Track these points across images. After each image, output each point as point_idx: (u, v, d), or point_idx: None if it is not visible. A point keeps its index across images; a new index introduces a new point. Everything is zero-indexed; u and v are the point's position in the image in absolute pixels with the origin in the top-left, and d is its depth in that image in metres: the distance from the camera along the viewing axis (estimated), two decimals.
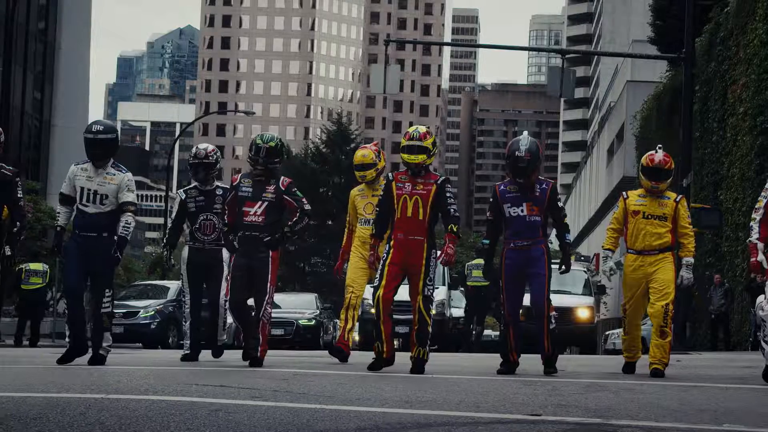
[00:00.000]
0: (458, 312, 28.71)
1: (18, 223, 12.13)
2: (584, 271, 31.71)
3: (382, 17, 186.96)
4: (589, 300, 30.25)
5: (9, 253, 11.91)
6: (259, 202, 11.78)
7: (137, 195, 11.90)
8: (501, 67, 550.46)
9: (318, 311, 34.22)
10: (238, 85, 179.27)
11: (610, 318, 57.49)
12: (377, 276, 11.20)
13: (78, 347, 11.67)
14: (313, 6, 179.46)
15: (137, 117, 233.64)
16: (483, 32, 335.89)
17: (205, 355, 13.78)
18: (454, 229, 11.15)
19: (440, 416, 6.48)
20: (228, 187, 13.04)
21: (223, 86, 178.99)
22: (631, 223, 11.92)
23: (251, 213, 11.77)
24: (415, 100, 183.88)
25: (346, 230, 13.66)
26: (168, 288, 33.58)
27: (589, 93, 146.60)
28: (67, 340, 11.83)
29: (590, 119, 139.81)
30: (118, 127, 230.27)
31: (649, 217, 11.87)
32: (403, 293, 12.55)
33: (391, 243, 11.20)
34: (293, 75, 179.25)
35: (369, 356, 13.38)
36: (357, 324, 15.16)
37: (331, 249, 66.47)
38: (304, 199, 12.06)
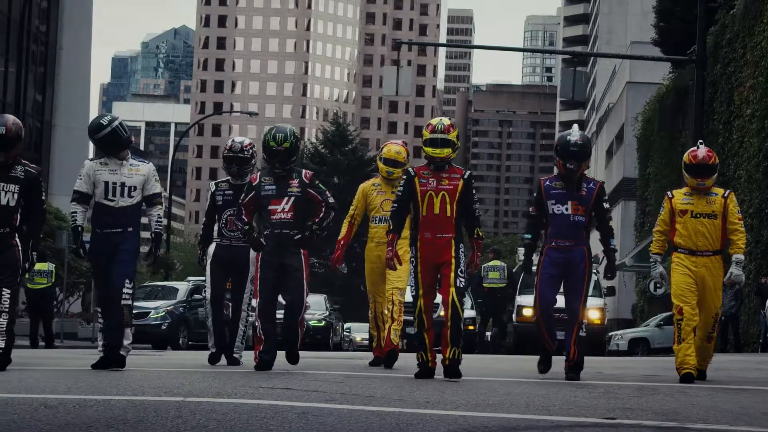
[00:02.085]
0: (469, 313, 28.81)
1: (41, 227, 11.34)
2: (594, 273, 31.79)
3: (377, 18, 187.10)
4: (599, 302, 30.35)
5: (36, 260, 11.12)
6: (286, 198, 11.25)
7: None
8: (495, 68, 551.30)
9: (327, 312, 34.34)
10: (233, 85, 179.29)
11: (610, 319, 57.65)
12: (411, 284, 10.63)
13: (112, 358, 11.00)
14: (309, 6, 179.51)
15: (132, 117, 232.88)
16: (477, 33, 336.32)
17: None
18: (480, 234, 10.76)
19: (521, 420, 6.59)
20: None
21: (219, 86, 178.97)
22: (679, 223, 11.45)
23: (279, 210, 11.23)
24: (410, 100, 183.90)
25: (346, 222, 13.01)
26: (177, 289, 33.71)
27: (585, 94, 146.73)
28: (100, 349, 11.22)
29: (587, 120, 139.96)
30: None
31: (698, 215, 11.41)
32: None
33: (418, 245, 10.54)
34: (289, 75, 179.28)
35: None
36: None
37: (329, 249, 66.60)
38: (327, 192, 11.60)
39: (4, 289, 10.63)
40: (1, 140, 10.60)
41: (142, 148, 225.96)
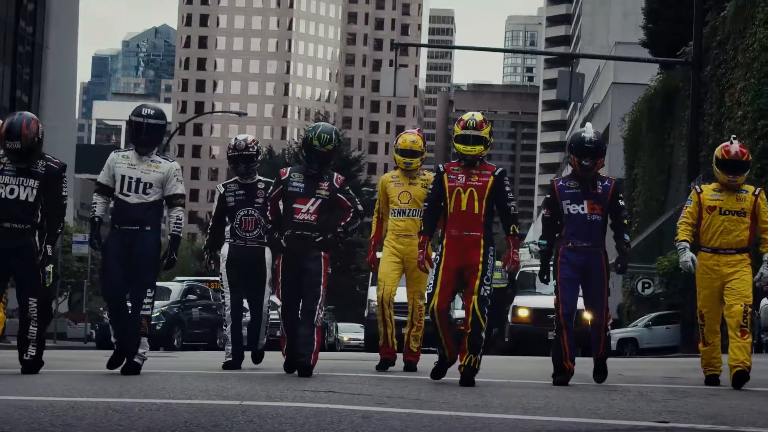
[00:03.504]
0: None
1: (59, 222, 10.99)
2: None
3: (359, 17, 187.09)
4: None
5: (50, 253, 10.78)
6: (313, 199, 10.80)
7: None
8: (476, 68, 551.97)
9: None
10: (215, 84, 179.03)
11: None
12: (430, 282, 10.19)
13: (125, 352, 10.72)
14: (291, 6, 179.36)
15: (112, 116, 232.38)
16: (458, 33, 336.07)
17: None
18: (516, 231, 10.32)
19: (580, 423, 6.70)
20: (269, 180, 12.27)
21: (200, 86, 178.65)
22: (706, 220, 11.17)
23: (303, 210, 10.78)
24: (392, 100, 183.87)
25: (374, 218, 12.68)
26: (170, 290, 33.73)
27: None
28: (113, 340, 10.88)
29: (569, 120, 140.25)
30: (93, 126, 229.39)
31: (727, 212, 11.10)
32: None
33: (444, 242, 10.21)
34: (270, 75, 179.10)
35: (374, 357, 13.20)
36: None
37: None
38: (357, 199, 11.18)
39: (30, 298, 10.55)
40: (18, 153, 10.46)
41: (122, 146, 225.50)
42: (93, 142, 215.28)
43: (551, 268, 11.02)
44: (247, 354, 12.79)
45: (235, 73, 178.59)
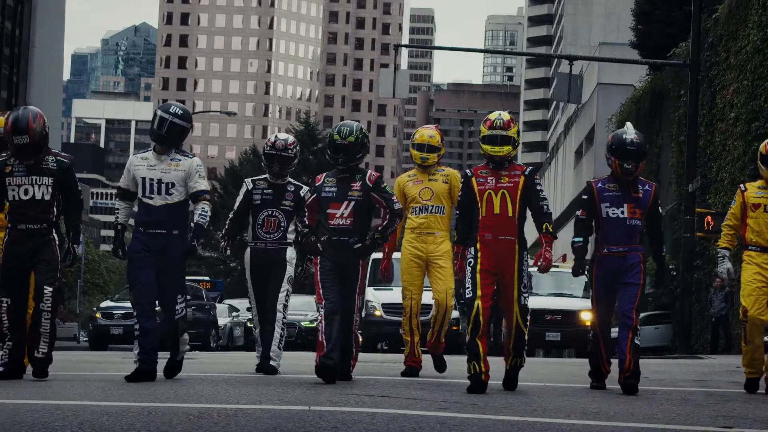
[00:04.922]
0: (456, 313, 28.91)
1: (80, 217, 10.83)
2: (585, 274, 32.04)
3: (340, 16, 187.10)
4: (590, 303, 30.62)
5: (80, 252, 11.05)
6: (345, 203, 10.65)
7: (92, 193, 10.47)
8: (456, 67, 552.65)
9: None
10: (195, 83, 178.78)
11: None
12: (468, 286, 9.80)
13: (149, 370, 10.37)
14: (272, 5, 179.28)
15: (92, 114, 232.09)
16: (438, 32, 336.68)
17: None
18: (550, 229, 10.01)
19: (649, 429, 6.80)
20: (299, 183, 12.27)
21: (181, 84, 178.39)
22: (752, 218, 10.91)
23: (337, 215, 10.64)
24: (373, 99, 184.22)
25: None
26: None
27: (549, 94, 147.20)
28: (135, 359, 10.51)
29: (551, 120, 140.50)
30: (73, 124, 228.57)
31: None
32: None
33: (477, 246, 9.91)
34: (251, 73, 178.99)
35: (371, 357, 13.15)
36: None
37: None
38: (394, 197, 10.97)
39: (45, 287, 10.20)
40: (27, 148, 10.22)
41: (102, 145, 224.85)
42: (72, 140, 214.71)
43: (587, 269, 10.71)
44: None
45: (216, 72, 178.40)
